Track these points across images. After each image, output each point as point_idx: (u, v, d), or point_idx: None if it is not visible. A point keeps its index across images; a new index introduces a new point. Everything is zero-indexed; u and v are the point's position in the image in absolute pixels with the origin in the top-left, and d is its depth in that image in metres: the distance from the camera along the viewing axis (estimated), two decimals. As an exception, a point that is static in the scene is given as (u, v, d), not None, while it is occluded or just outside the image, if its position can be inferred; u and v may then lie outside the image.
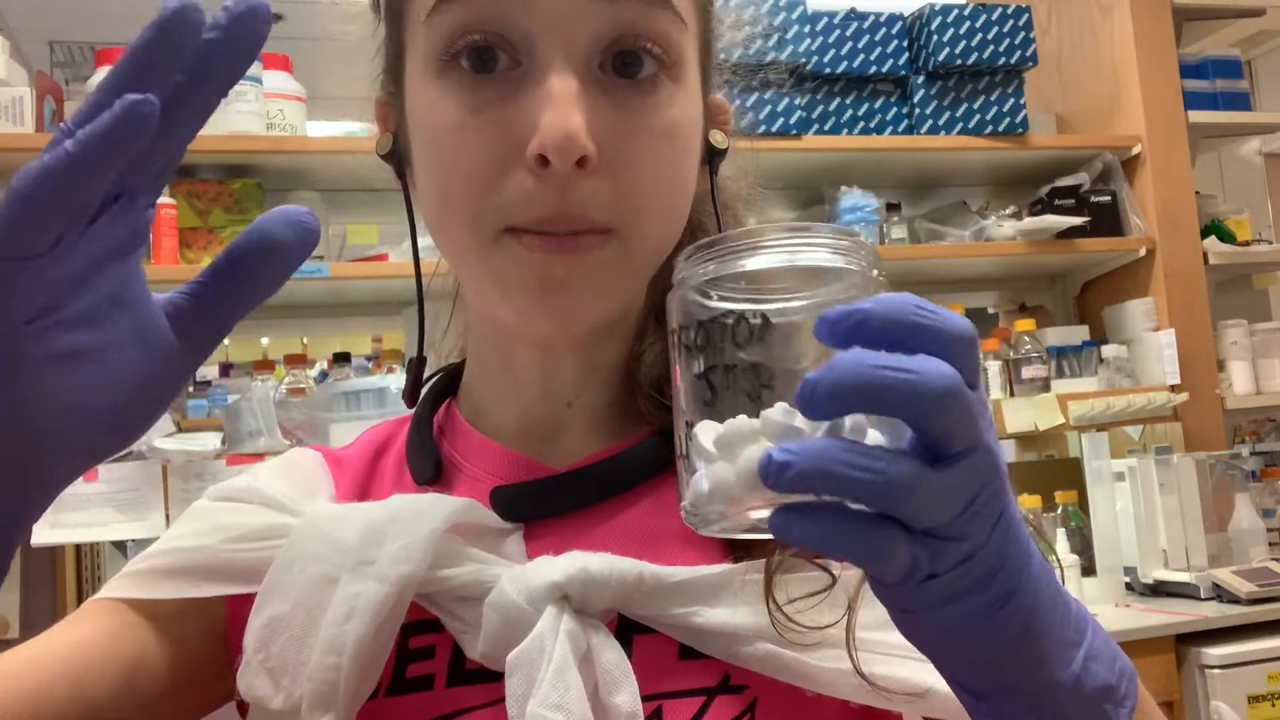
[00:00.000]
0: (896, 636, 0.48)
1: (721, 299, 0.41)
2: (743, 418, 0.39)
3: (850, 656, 0.53)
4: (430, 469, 0.64)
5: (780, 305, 0.40)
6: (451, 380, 0.71)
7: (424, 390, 0.70)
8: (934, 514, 0.37)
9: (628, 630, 0.57)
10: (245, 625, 0.58)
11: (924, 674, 0.54)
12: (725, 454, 0.39)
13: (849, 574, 0.56)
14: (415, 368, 0.68)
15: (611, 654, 0.54)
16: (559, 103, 0.53)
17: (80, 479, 0.45)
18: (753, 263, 0.40)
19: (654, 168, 0.57)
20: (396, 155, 0.64)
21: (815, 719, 0.55)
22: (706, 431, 0.40)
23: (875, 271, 0.42)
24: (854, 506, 0.36)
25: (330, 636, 0.54)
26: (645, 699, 0.54)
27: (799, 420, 0.37)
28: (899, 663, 0.54)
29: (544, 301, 0.56)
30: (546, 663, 0.52)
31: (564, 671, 0.51)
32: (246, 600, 0.59)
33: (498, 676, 0.54)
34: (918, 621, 0.40)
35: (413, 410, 0.69)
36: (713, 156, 0.65)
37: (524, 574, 0.55)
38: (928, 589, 0.38)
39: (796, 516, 0.37)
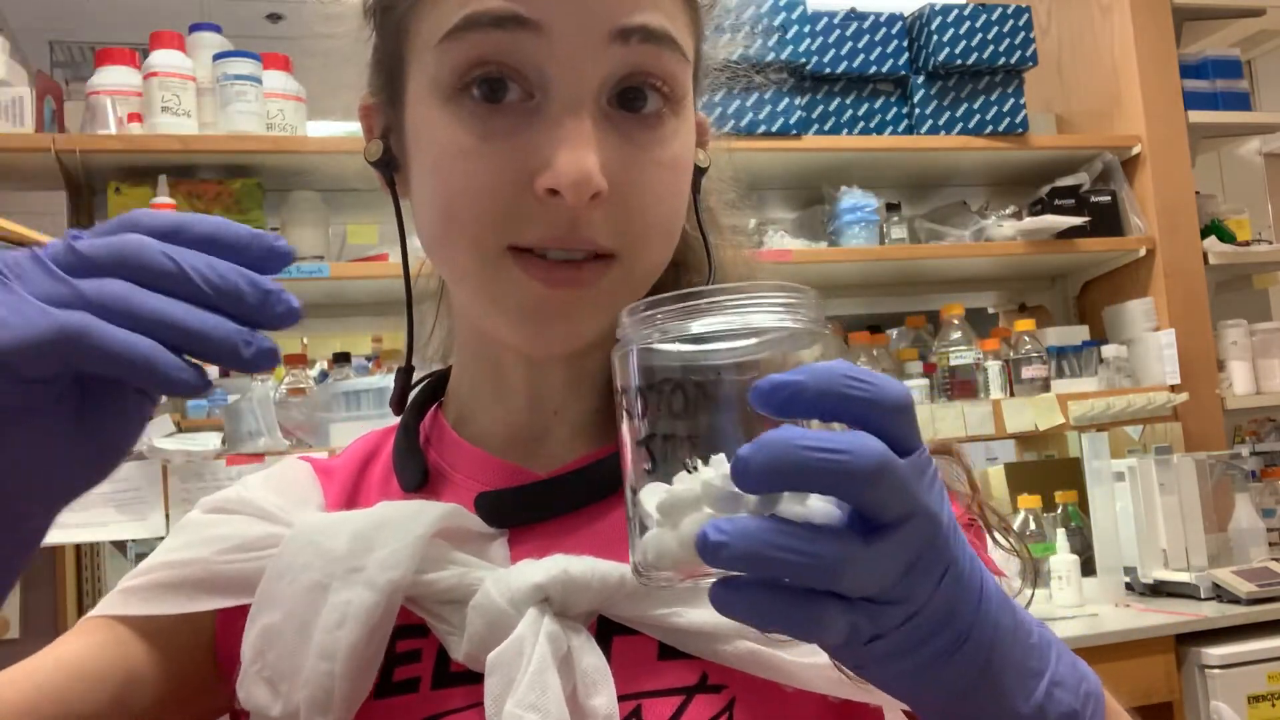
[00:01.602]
0: None
1: (661, 365, 0.41)
2: (684, 483, 0.39)
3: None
4: (418, 477, 0.65)
5: (717, 371, 0.40)
6: (437, 387, 0.71)
7: (410, 397, 0.70)
8: (869, 584, 0.38)
9: (607, 631, 0.57)
10: (234, 637, 0.59)
11: None
12: (668, 520, 0.39)
13: None
14: (403, 377, 0.69)
15: (591, 657, 0.55)
16: (575, 143, 0.54)
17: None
18: (697, 325, 0.40)
19: (658, 198, 0.58)
20: (386, 162, 0.64)
21: (793, 716, 0.56)
22: (650, 497, 0.40)
23: (823, 325, 0.42)
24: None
25: (323, 643, 0.55)
26: (624, 699, 0.55)
27: (733, 494, 0.37)
28: None
29: (542, 329, 0.57)
30: (525, 664, 0.52)
31: (543, 673, 0.52)
32: (236, 613, 0.60)
33: (481, 679, 0.55)
34: (870, 674, 0.41)
35: (400, 418, 0.70)
36: (696, 174, 0.66)
37: (507, 576, 0.56)
38: (873, 649, 0.39)
39: (733, 593, 0.38)
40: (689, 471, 0.39)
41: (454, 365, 0.69)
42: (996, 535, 0.64)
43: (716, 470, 0.39)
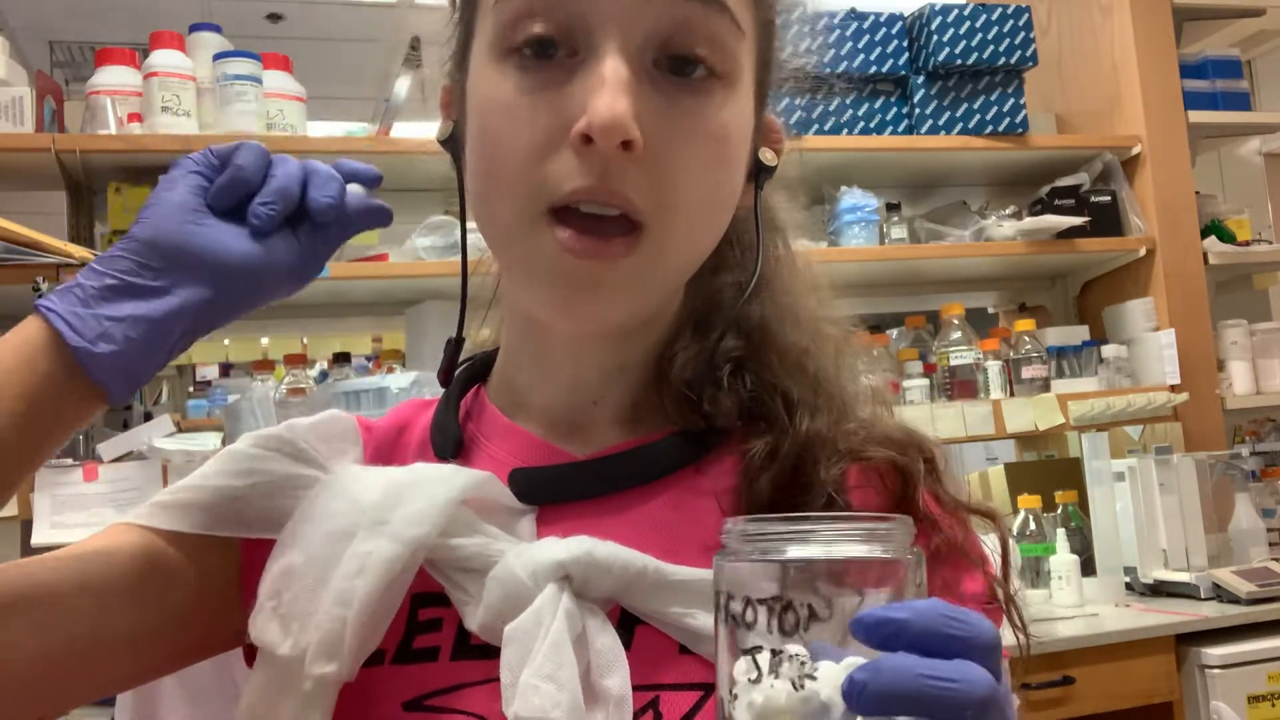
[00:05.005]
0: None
1: (769, 583, 0.43)
2: (784, 694, 0.40)
3: None
4: (451, 445, 0.66)
5: (824, 594, 0.43)
6: (482, 367, 0.72)
7: (455, 374, 0.71)
8: None
9: (630, 621, 0.58)
10: (258, 570, 0.60)
11: None
12: None
13: None
14: (453, 348, 0.70)
15: (606, 638, 0.55)
16: (609, 86, 0.54)
17: (80, 478, 0.46)
18: (794, 550, 0.43)
19: (697, 167, 0.58)
20: (454, 141, 0.65)
21: None
22: (749, 705, 0.42)
23: (911, 551, 0.44)
24: None
25: (340, 589, 0.56)
26: (644, 689, 0.55)
27: (838, 714, 0.39)
28: None
29: (569, 301, 0.58)
30: (543, 636, 0.53)
31: (559, 647, 0.53)
32: (261, 546, 0.61)
33: (498, 654, 0.55)
34: None
35: (442, 392, 0.71)
36: (760, 173, 0.66)
37: (530, 550, 0.57)
38: None
39: None
40: (795, 687, 0.40)
41: (502, 347, 0.70)
42: (1016, 620, 0.64)
43: (822, 685, 0.40)
